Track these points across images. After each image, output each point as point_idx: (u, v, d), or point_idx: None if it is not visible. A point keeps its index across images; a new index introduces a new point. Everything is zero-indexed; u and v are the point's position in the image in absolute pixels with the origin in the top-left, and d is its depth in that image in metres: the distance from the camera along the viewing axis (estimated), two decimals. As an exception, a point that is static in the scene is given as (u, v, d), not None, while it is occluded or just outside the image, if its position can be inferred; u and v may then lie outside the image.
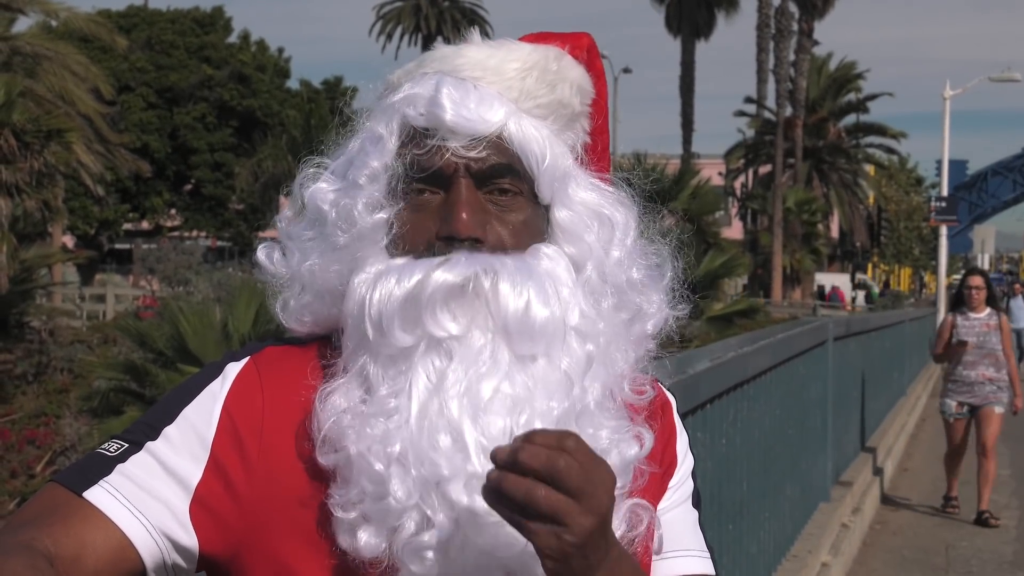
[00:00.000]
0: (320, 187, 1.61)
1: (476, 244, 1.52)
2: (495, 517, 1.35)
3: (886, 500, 11.42)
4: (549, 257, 1.56)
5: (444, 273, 1.48)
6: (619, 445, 1.52)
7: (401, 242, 1.55)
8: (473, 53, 1.60)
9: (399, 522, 1.44)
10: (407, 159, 1.54)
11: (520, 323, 1.49)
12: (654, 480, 1.61)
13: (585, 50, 1.66)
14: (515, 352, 1.49)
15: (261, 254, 1.65)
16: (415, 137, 1.55)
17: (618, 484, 1.48)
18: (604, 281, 1.59)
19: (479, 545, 1.41)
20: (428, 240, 1.53)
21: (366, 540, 1.45)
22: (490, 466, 1.29)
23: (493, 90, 1.57)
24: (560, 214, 1.60)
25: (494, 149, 1.55)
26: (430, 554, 1.43)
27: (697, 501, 1.73)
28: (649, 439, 1.57)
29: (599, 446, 1.48)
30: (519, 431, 1.42)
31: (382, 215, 1.54)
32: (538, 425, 1.45)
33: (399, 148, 1.56)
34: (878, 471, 11.58)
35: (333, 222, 1.56)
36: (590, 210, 1.61)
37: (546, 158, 1.57)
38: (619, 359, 1.59)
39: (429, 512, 1.43)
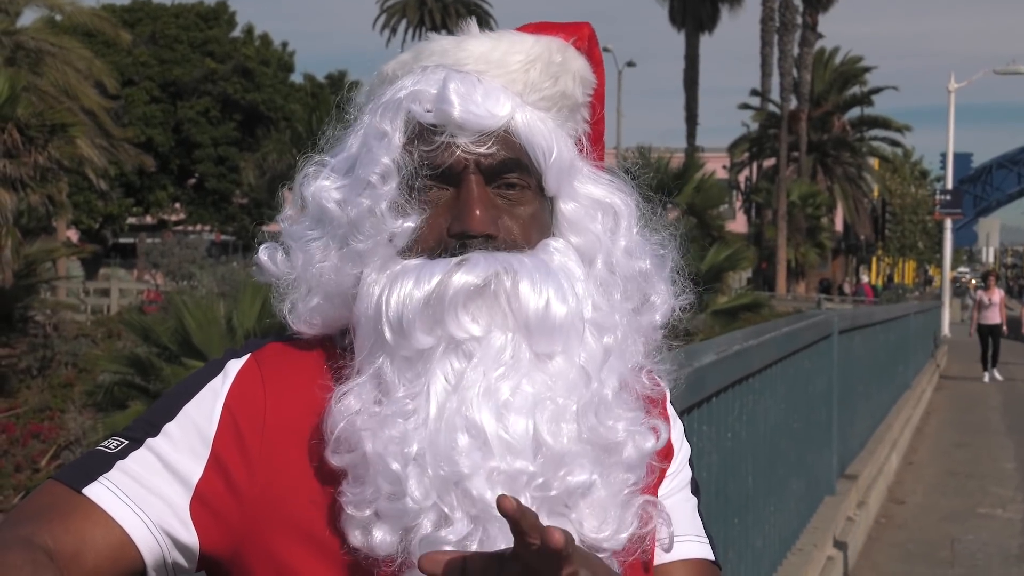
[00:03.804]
0: (323, 185, 1.58)
1: (489, 240, 1.51)
2: None
3: (891, 494, 11.41)
4: (559, 251, 1.55)
5: (464, 275, 1.47)
6: (635, 437, 1.52)
7: (414, 241, 1.53)
8: (475, 46, 1.57)
9: (416, 522, 1.42)
10: (415, 156, 1.52)
11: (541, 321, 1.48)
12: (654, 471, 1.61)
13: (586, 40, 1.65)
14: (535, 350, 1.49)
15: (263, 255, 1.62)
16: (422, 133, 1.53)
17: (632, 479, 1.50)
18: (613, 273, 1.59)
19: (500, 542, 1.40)
20: (440, 237, 1.52)
21: (381, 538, 1.44)
22: (514, 462, 1.40)
23: (498, 83, 1.55)
24: (566, 207, 1.59)
25: (502, 144, 1.53)
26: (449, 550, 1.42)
27: (696, 488, 1.73)
28: (665, 432, 1.57)
29: (615, 438, 1.49)
30: (543, 427, 1.43)
31: (410, 223, 1.52)
32: (564, 425, 1.45)
33: (405, 144, 1.53)
34: (883, 465, 11.57)
35: (350, 223, 1.53)
36: (595, 201, 1.61)
37: (553, 151, 1.56)
38: (634, 351, 1.59)
39: (447, 510, 1.42)
